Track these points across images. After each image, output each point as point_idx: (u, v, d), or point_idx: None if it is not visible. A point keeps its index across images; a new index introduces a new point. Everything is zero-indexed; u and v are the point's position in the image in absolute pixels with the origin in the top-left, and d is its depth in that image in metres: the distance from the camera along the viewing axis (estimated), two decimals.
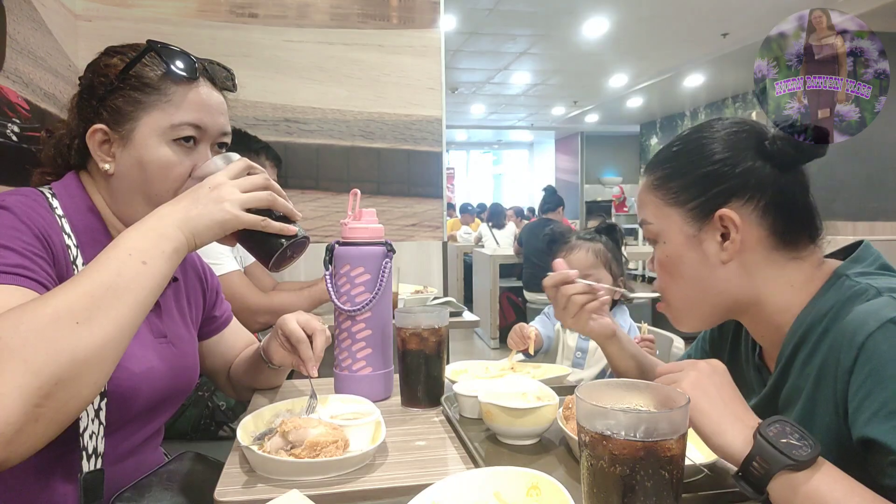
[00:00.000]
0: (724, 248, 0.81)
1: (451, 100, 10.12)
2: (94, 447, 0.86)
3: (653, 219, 0.87)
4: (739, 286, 0.82)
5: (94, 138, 0.91)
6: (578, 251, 1.69)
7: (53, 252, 0.84)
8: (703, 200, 0.82)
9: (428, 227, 2.59)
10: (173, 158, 0.92)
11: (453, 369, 1.25)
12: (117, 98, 0.91)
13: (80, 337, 0.67)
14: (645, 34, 6.79)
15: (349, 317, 1.11)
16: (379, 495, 0.77)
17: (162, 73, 0.91)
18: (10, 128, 1.53)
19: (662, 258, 0.87)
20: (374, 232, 1.13)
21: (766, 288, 0.82)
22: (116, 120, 0.91)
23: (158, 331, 1.00)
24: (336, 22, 2.45)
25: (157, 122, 0.91)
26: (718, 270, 0.82)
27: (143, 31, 2.21)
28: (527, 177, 16.90)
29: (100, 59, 0.95)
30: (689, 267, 0.84)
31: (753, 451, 0.63)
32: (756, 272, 0.82)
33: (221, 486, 0.77)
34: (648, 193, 0.88)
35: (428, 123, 2.55)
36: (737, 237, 0.80)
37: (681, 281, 0.86)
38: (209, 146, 0.96)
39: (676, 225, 0.85)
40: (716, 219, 0.81)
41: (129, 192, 0.93)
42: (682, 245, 0.84)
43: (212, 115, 0.95)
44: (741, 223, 0.79)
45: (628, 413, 0.60)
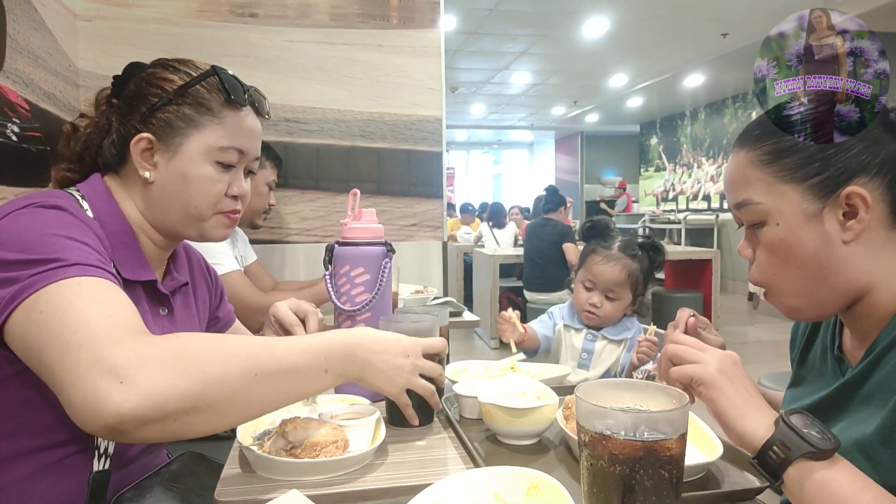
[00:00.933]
0: (848, 228, 0.74)
1: (451, 100, 10.12)
2: (106, 448, 0.87)
3: (762, 197, 0.78)
4: (857, 268, 0.75)
5: (138, 146, 0.94)
6: (614, 265, 1.60)
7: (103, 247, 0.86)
8: (827, 176, 0.74)
9: (428, 227, 2.59)
10: (214, 177, 0.97)
11: (453, 369, 1.25)
12: (170, 112, 0.94)
13: (248, 386, 0.71)
14: (645, 34, 6.79)
15: (349, 317, 1.11)
16: (379, 495, 0.77)
17: (217, 97, 0.96)
18: (10, 128, 1.53)
19: (774, 241, 0.78)
20: (373, 232, 1.13)
21: (881, 272, 0.76)
22: (166, 132, 0.94)
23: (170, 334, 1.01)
24: (336, 22, 2.45)
25: (207, 142, 0.95)
26: (839, 250, 0.75)
27: (143, 31, 2.21)
28: (527, 177, 16.90)
29: (155, 69, 0.98)
30: (808, 248, 0.76)
31: (775, 436, 0.63)
32: (874, 253, 0.75)
33: (221, 486, 0.77)
34: (755, 170, 0.79)
35: (428, 123, 2.55)
36: (865, 216, 0.73)
37: (797, 265, 0.77)
38: (243, 169, 1.02)
39: (794, 203, 0.76)
40: (842, 196, 0.74)
41: (168, 201, 0.97)
42: (799, 225, 0.76)
43: (252, 142, 1.01)
44: (871, 200, 0.73)
45: (628, 413, 0.60)
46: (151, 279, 0.97)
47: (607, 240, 1.66)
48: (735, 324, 6.17)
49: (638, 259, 1.62)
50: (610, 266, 1.60)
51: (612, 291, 1.61)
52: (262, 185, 2.05)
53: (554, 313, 1.76)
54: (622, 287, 1.60)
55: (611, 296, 1.61)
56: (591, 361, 1.65)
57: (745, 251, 0.83)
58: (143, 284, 0.96)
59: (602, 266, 1.61)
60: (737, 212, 0.83)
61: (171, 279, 1.05)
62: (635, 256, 1.62)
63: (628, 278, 1.60)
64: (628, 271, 1.60)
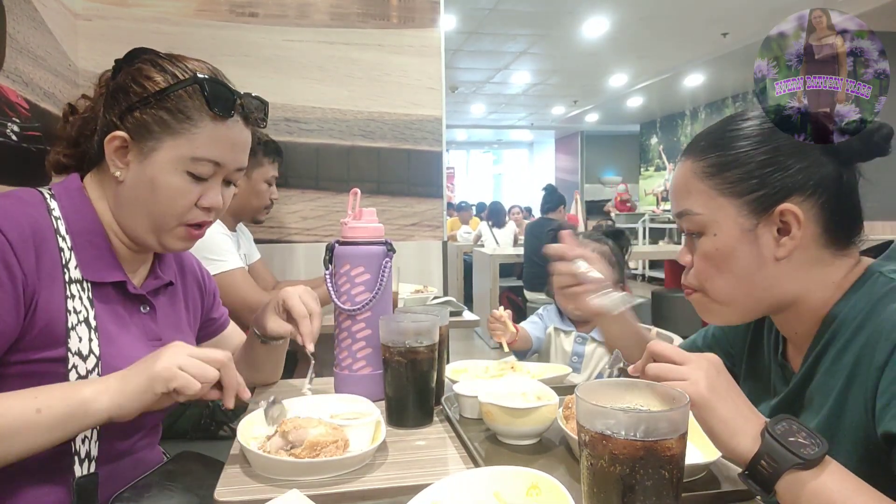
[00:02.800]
0: (781, 244, 0.77)
1: (451, 99, 10.12)
2: (87, 451, 0.86)
3: (701, 209, 0.81)
4: (787, 283, 0.79)
5: (112, 143, 0.91)
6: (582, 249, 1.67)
7: (37, 257, 0.84)
8: (764, 193, 0.77)
9: (428, 226, 2.59)
10: (184, 188, 0.92)
11: (453, 369, 1.25)
12: (148, 114, 0.91)
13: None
14: (645, 34, 6.79)
15: (349, 316, 1.11)
16: (379, 495, 0.77)
17: (199, 105, 0.91)
18: (10, 127, 1.53)
19: (710, 250, 0.81)
20: (374, 231, 1.13)
21: (810, 285, 0.79)
22: (140, 134, 0.91)
23: (153, 334, 1.00)
24: (336, 21, 2.45)
25: (180, 150, 0.91)
26: (769, 266, 0.79)
27: (143, 30, 2.21)
28: (527, 176, 16.90)
29: (143, 66, 0.94)
30: (740, 261, 0.79)
31: (762, 450, 0.62)
32: (805, 269, 0.79)
33: (221, 486, 0.77)
34: (697, 181, 0.82)
35: (428, 123, 2.55)
36: (798, 234, 0.76)
37: (728, 275, 0.81)
38: (221, 179, 0.97)
39: (731, 217, 0.79)
40: (776, 213, 0.77)
41: (134, 204, 0.93)
42: (735, 238, 0.79)
43: (234, 154, 0.96)
44: (804, 219, 0.76)
45: (628, 413, 0.60)
46: (120, 280, 0.95)
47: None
48: None
49: (604, 243, 1.68)
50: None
51: None
52: (260, 182, 2.03)
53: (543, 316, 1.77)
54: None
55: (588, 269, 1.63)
56: (581, 364, 1.65)
57: (684, 257, 0.87)
58: (112, 285, 0.94)
59: None
60: (678, 220, 0.86)
61: (154, 278, 1.04)
62: (600, 240, 1.68)
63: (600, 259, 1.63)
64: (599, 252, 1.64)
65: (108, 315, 0.93)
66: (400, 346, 0.97)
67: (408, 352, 0.97)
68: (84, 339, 0.87)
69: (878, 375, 0.67)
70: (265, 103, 1.01)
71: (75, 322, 0.86)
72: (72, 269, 0.88)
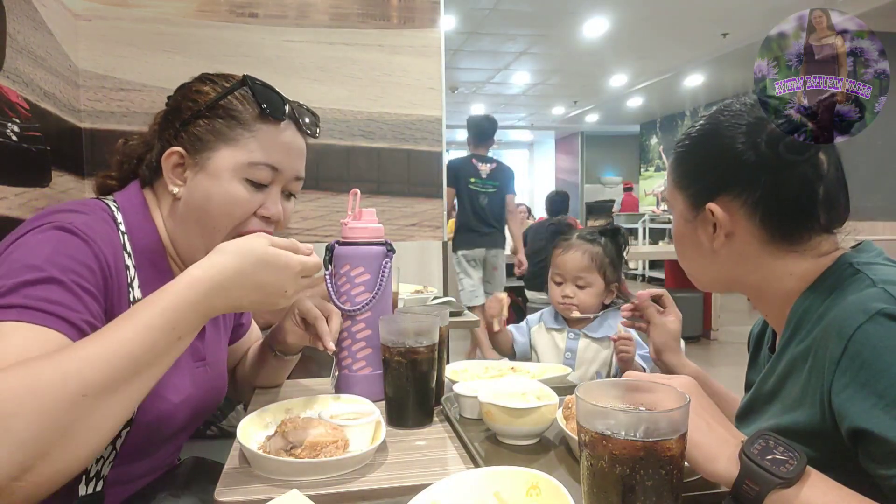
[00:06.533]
0: (715, 237, 0.84)
1: (451, 100, 10.12)
2: (98, 471, 0.83)
3: (668, 196, 0.93)
4: (737, 270, 0.85)
5: (169, 160, 0.91)
6: (574, 251, 1.67)
7: (110, 275, 0.80)
8: (698, 189, 0.85)
9: (428, 227, 2.59)
10: (242, 196, 0.91)
11: (453, 369, 1.25)
12: (201, 125, 0.90)
13: (83, 412, 0.60)
14: (645, 34, 6.79)
15: (349, 316, 1.11)
16: (379, 495, 0.77)
17: (251, 109, 0.91)
18: (10, 128, 1.53)
19: (675, 233, 0.93)
20: (374, 232, 1.13)
21: (766, 275, 0.83)
22: (195, 146, 0.90)
23: (199, 355, 0.98)
24: (336, 22, 2.45)
25: (236, 157, 0.90)
26: (710, 255, 0.86)
27: (144, 31, 2.21)
28: (527, 177, 16.90)
29: (192, 83, 0.95)
30: (689, 246, 0.90)
31: (742, 474, 0.62)
32: (751, 260, 0.83)
33: (221, 486, 0.77)
34: (671, 172, 0.92)
35: (428, 123, 2.55)
36: (720, 232, 0.82)
37: (687, 254, 0.92)
38: (280, 189, 0.96)
39: (679, 208, 0.89)
40: (707, 210, 0.83)
41: (190, 218, 0.92)
42: (682, 226, 0.89)
43: (290, 159, 0.95)
44: (727, 219, 0.81)
45: (628, 413, 0.60)
46: None
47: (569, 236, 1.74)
48: (735, 324, 6.16)
49: (599, 244, 1.68)
50: (571, 254, 1.67)
51: (580, 279, 1.66)
52: None
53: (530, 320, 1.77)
54: (589, 272, 1.65)
55: (580, 284, 1.66)
56: (575, 360, 1.66)
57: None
58: None
59: (564, 256, 1.68)
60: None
61: None
62: (595, 241, 1.68)
63: (592, 262, 1.65)
64: (591, 255, 1.66)
65: None
66: (400, 347, 0.97)
67: (408, 352, 0.97)
68: None
69: (834, 369, 0.67)
70: (316, 115, 1.01)
71: None
72: (135, 289, 0.86)
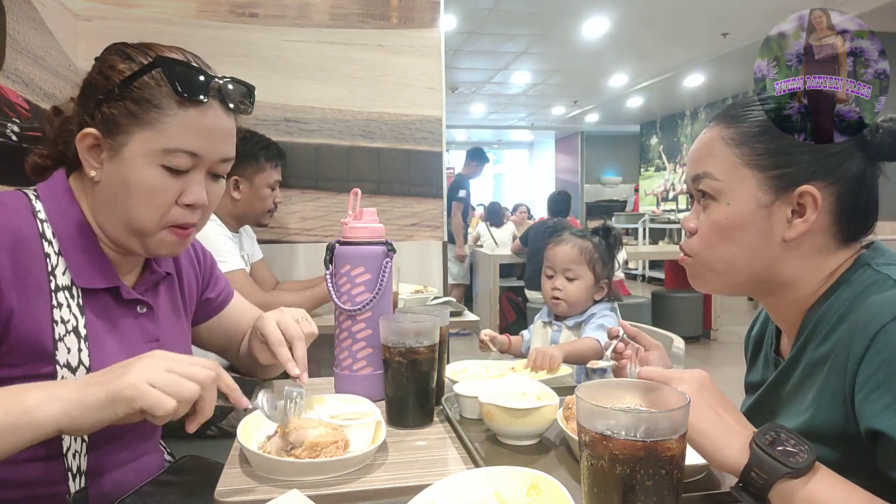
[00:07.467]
0: (793, 226, 0.77)
1: (451, 100, 10.12)
2: (78, 465, 0.83)
3: (721, 175, 0.80)
4: (786, 266, 0.79)
5: (83, 142, 0.85)
6: (565, 245, 1.72)
7: (16, 267, 0.79)
8: (788, 171, 0.77)
9: (428, 226, 2.59)
10: (160, 183, 0.85)
11: (453, 369, 1.25)
12: (114, 106, 0.84)
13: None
14: (645, 34, 6.79)
15: (349, 316, 1.11)
16: (379, 495, 0.77)
17: (166, 91, 0.84)
18: (10, 128, 1.53)
19: (720, 219, 0.80)
20: (374, 231, 1.13)
21: (806, 272, 0.79)
22: (109, 129, 0.84)
23: (151, 335, 0.96)
24: (336, 22, 2.45)
25: (150, 143, 0.83)
26: (774, 246, 0.78)
27: (143, 31, 2.21)
28: (527, 177, 16.90)
29: (108, 56, 0.88)
30: (748, 234, 0.79)
31: (751, 463, 0.62)
32: (807, 256, 0.79)
33: (221, 486, 0.77)
34: (723, 146, 0.80)
35: (428, 123, 2.55)
36: (811, 217, 0.76)
37: (732, 245, 0.80)
38: (204, 172, 0.89)
39: (749, 189, 0.78)
40: (795, 194, 0.76)
41: (109, 206, 0.87)
42: (749, 211, 0.78)
43: (212, 143, 0.88)
44: (820, 205, 0.76)
45: (628, 413, 0.60)
46: (114, 286, 0.90)
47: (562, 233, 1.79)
48: (735, 324, 6.16)
49: (589, 240, 1.72)
50: (561, 247, 1.72)
51: (569, 271, 1.69)
52: (263, 187, 2.03)
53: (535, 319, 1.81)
54: (578, 264, 1.68)
55: (569, 276, 1.69)
56: None
57: (690, 223, 0.85)
58: (106, 290, 0.90)
59: (554, 249, 1.73)
60: (692, 184, 0.85)
61: (151, 273, 0.98)
62: (585, 237, 1.73)
63: (581, 254, 1.69)
64: (580, 248, 1.70)
65: (99, 321, 0.88)
66: (400, 347, 0.97)
67: (408, 352, 0.97)
68: (73, 349, 0.83)
69: (856, 369, 0.67)
70: (251, 88, 0.92)
71: (63, 333, 0.82)
72: (59, 276, 0.84)
